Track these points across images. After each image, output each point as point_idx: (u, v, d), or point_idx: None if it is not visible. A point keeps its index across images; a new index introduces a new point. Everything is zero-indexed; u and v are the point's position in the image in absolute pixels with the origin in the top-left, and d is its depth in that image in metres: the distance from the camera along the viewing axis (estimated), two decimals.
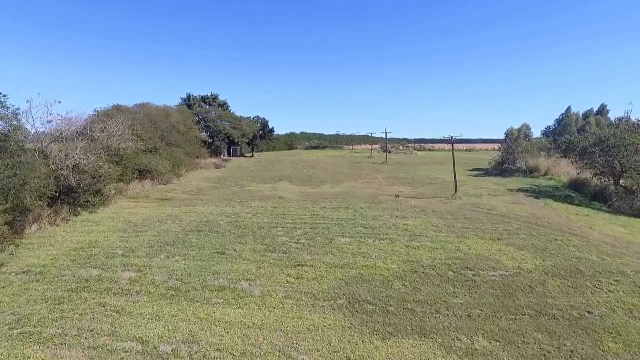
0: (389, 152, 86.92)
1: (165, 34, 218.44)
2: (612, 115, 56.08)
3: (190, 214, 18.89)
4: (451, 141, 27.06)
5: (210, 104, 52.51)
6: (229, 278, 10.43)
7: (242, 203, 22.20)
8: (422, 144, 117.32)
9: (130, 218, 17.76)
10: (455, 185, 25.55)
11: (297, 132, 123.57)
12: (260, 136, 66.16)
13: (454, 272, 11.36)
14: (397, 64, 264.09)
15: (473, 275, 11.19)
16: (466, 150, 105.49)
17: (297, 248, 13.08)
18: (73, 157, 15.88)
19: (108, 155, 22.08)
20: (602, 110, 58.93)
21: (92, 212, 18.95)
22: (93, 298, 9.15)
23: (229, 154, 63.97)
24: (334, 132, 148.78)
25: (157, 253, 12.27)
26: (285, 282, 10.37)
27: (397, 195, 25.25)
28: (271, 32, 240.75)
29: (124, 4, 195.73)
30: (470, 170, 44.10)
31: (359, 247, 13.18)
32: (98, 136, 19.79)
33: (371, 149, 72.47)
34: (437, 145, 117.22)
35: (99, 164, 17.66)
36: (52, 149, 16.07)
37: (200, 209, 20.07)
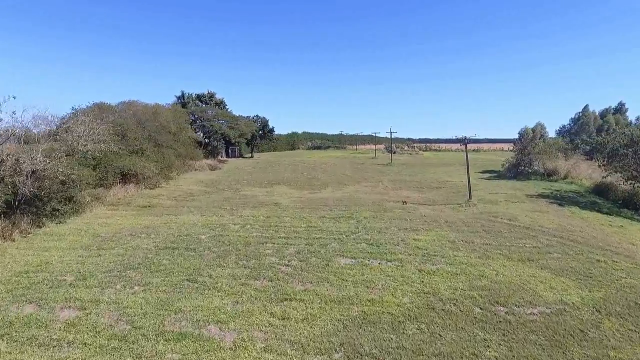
0: (394, 152, 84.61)
1: (163, 33, 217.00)
2: (632, 114, 53.44)
3: (170, 225, 16.70)
4: (464, 141, 24.72)
5: (206, 103, 50.38)
6: (195, 319, 8.20)
7: (233, 211, 20.00)
8: (427, 144, 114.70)
9: (100, 230, 15.60)
10: (470, 190, 23.19)
11: (300, 131, 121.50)
12: (260, 136, 64.02)
13: (481, 308, 9.06)
14: (400, 63, 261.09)
15: (506, 313, 8.88)
16: (474, 150, 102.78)
17: (287, 273, 10.83)
18: (28, 161, 13.74)
19: (84, 158, 19.99)
20: (621, 109, 56.18)
21: (60, 223, 16.81)
22: (8, 353, 6.95)
23: (227, 155, 61.87)
24: (337, 132, 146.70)
25: (113, 281, 10.07)
26: (267, 324, 8.13)
27: (404, 202, 22.95)
28: (272, 31, 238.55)
29: (121, 1, 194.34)
30: (481, 172, 41.66)
31: (361, 272, 10.90)
32: (63, 138, 17.66)
33: (375, 150, 70.10)
34: (443, 145, 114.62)
35: (60, 169, 15.46)
36: (2, 152, 13.94)
37: (183, 219, 17.88)
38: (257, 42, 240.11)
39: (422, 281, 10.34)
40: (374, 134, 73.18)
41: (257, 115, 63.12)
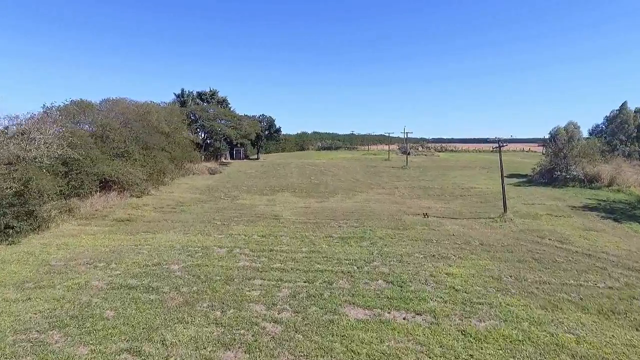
0: (408, 153, 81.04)
1: (168, 32, 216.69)
2: None
3: (141, 248, 13.74)
4: (498, 143, 21.23)
5: (207, 101, 47.66)
6: None
7: (223, 228, 16.98)
8: (441, 144, 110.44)
9: (53, 256, 12.71)
10: (504, 203, 19.72)
11: (309, 131, 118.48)
12: (267, 137, 61.16)
13: None
14: (411, 62, 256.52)
15: None
16: (492, 151, 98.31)
17: (274, 336, 7.68)
18: None
19: (50, 165, 17.20)
20: None
21: (11, 244, 14.02)
22: None
23: (231, 157, 59.19)
24: (348, 132, 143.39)
25: (19, 352, 7.06)
26: None
27: (425, 215, 19.65)
28: (282, 31, 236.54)
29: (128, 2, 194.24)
30: (507, 176, 37.92)
31: (380, 337, 7.69)
32: (7, 142, 14.85)
33: (389, 151, 66.57)
34: (458, 146, 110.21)
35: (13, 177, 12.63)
36: None
37: (160, 239, 14.91)
38: (266, 41, 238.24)
39: (471, 356, 7.07)
40: (388, 134, 69.64)
41: (262, 115, 60.32)
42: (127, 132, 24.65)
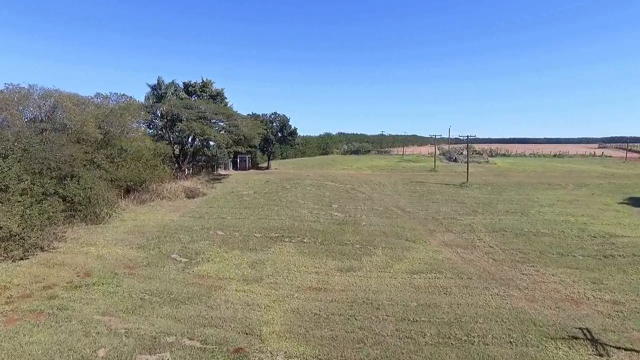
0: (454, 159, 68.59)
1: (176, 28, 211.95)
2: None
3: None
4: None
5: (198, 95, 37.52)
6: None
7: None
8: (489, 146, 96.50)
9: None
10: None
11: (334, 132, 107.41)
12: (280, 140, 50.52)
13: None
14: (449, 61, 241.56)
15: None
16: (555, 155, 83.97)
17: None
18: None
19: None
20: None
21: None
22: None
23: (234, 166, 48.94)
24: (377, 133, 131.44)
25: None
26: None
27: (591, 339, 8.18)
28: (310, 32, 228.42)
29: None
30: (626, 201, 25.64)
31: None
32: None
33: (435, 157, 54.47)
34: (509, 148, 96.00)
35: None
36: None
37: None
38: (287, 41, 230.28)
39: None
40: (434, 136, 57.52)
41: (275, 113, 49.67)
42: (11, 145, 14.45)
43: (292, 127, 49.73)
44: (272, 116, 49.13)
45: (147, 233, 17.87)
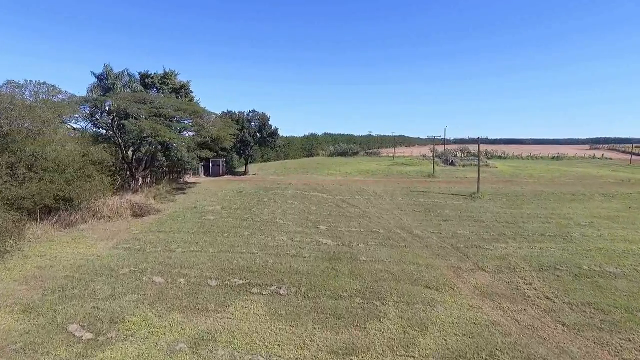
0: (450, 162, 64.39)
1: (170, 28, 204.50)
2: None
3: None
4: None
5: (157, 88, 31.87)
6: None
7: None
8: (484, 147, 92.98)
9: None
10: None
11: (319, 132, 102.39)
12: (259, 141, 45.13)
13: None
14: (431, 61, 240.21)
15: None
16: (553, 158, 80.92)
17: None
18: None
19: None
20: None
21: None
22: None
23: (206, 172, 43.35)
24: (364, 133, 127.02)
25: None
26: None
27: None
28: (285, 30, 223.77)
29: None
30: None
31: None
32: None
33: (433, 161, 49.90)
34: (505, 150, 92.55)
35: None
36: None
37: None
38: (277, 40, 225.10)
39: None
40: (433, 137, 53.15)
41: (253, 111, 44.25)
42: None
43: (273, 126, 44.42)
44: (250, 114, 43.71)
45: (50, 280, 12.42)
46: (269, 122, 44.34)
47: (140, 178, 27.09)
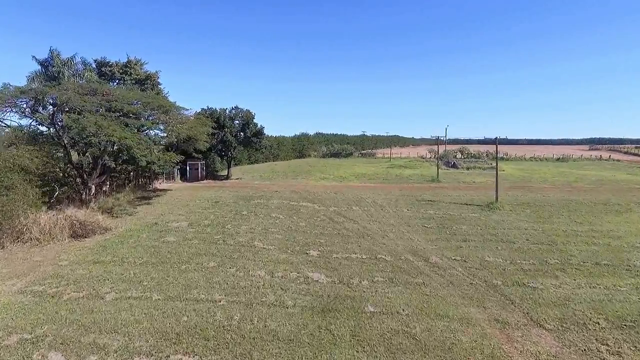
0: (452, 165, 60.65)
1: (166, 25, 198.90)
2: None
3: None
4: None
5: (118, 79, 27.40)
6: None
7: None
8: (486, 148, 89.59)
9: None
10: None
11: (311, 132, 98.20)
12: (243, 142, 40.75)
13: None
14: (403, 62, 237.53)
15: None
16: (559, 159, 77.78)
17: None
18: None
19: None
20: None
21: None
22: None
23: (183, 176, 38.87)
24: (358, 133, 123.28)
25: None
26: None
27: None
28: (283, 26, 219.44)
29: None
30: None
31: None
32: None
33: (437, 162, 45.92)
34: (507, 150, 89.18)
35: None
36: None
37: None
38: (267, 37, 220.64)
39: None
40: (436, 137, 49.29)
41: (236, 107, 39.87)
42: None
43: (258, 125, 40.03)
44: (233, 111, 39.30)
45: None
46: (254, 121, 39.98)
47: (93, 187, 22.62)
